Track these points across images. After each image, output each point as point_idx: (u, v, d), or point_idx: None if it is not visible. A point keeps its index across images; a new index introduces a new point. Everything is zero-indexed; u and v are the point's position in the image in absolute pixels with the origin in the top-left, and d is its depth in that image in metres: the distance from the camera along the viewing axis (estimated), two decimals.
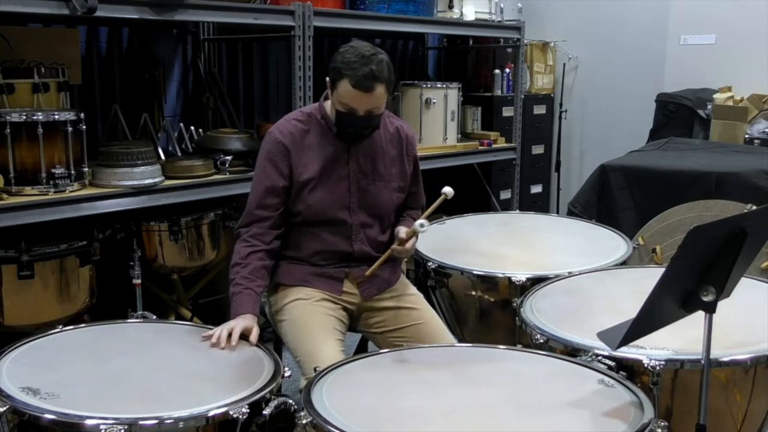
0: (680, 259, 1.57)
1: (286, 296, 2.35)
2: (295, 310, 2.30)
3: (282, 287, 2.38)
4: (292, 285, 2.36)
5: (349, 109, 2.20)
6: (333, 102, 2.26)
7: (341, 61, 2.17)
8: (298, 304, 2.32)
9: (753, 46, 4.74)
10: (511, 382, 1.86)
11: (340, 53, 2.20)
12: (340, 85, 2.17)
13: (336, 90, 2.20)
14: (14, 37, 3.14)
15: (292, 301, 2.32)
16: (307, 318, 2.28)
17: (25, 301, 2.85)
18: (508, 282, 2.56)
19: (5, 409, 1.66)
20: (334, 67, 2.19)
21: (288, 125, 2.33)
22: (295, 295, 2.33)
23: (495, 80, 5.06)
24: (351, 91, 2.16)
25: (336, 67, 2.18)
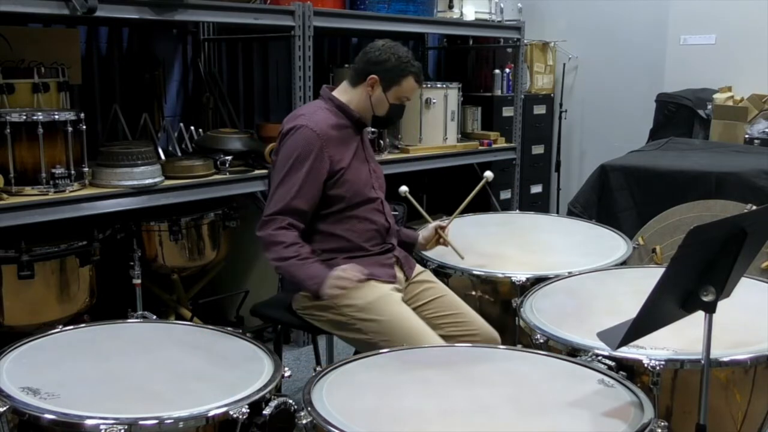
0: (680, 259, 1.57)
1: (362, 295, 2.30)
2: (387, 308, 2.29)
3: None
4: (365, 282, 2.33)
5: (404, 101, 2.48)
6: (381, 98, 2.43)
7: (397, 59, 2.39)
8: (385, 302, 2.31)
9: (753, 46, 4.74)
10: (511, 382, 1.86)
11: (384, 52, 2.39)
12: (404, 81, 2.41)
13: (398, 86, 2.42)
14: (14, 37, 3.14)
15: (377, 299, 2.30)
16: (400, 315, 2.29)
17: (25, 301, 2.85)
18: (509, 282, 2.57)
19: (5, 409, 1.66)
20: (392, 67, 2.39)
21: (316, 117, 2.38)
22: (375, 293, 2.32)
23: (495, 80, 5.05)
24: (414, 85, 2.44)
25: (395, 65, 2.39)
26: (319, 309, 2.36)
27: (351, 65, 2.53)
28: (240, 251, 3.75)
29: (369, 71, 2.41)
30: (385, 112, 2.46)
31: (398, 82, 2.41)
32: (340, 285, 2.25)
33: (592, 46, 5.43)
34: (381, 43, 2.43)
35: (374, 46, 2.43)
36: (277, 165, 2.37)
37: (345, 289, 2.25)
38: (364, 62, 2.42)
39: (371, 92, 2.42)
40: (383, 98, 2.43)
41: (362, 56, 2.44)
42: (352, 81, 2.46)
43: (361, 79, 2.43)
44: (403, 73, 2.41)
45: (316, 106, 2.46)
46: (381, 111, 2.46)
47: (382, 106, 2.45)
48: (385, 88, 2.42)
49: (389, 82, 2.41)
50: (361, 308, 2.29)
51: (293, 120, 2.38)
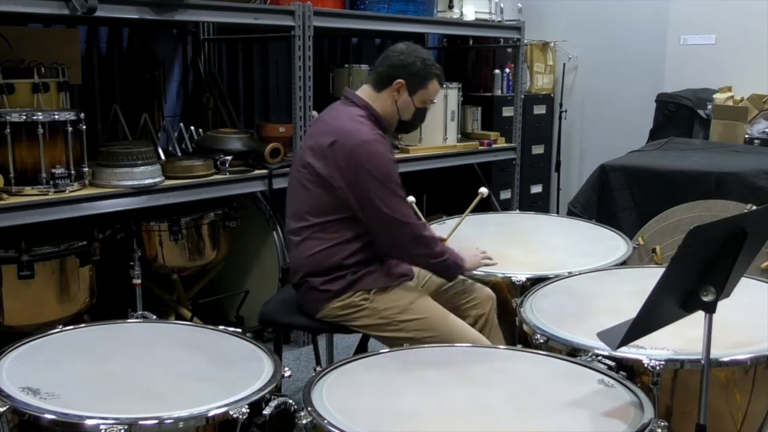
0: (680, 259, 1.57)
1: (400, 297, 2.36)
2: (426, 306, 2.37)
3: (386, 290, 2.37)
4: (395, 285, 2.38)
5: (428, 104, 2.50)
6: (407, 102, 2.42)
7: (422, 62, 2.40)
8: (422, 301, 2.38)
9: (753, 46, 4.73)
10: (511, 382, 1.86)
11: (409, 55, 2.39)
12: (430, 85, 2.44)
13: (424, 89, 2.43)
14: (14, 37, 3.14)
15: (416, 300, 2.37)
16: (441, 309, 2.39)
17: (25, 301, 2.85)
18: (509, 282, 2.57)
19: (5, 409, 1.66)
20: (418, 70, 2.39)
21: (371, 128, 2.35)
22: (410, 292, 2.39)
23: (495, 80, 5.05)
24: (438, 88, 2.48)
25: (420, 69, 2.40)
26: (354, 314, 2.36)
27: (372, 69, 2.49)
28: (240, 251, 3.75)
29: (394, 76, 2.38)
30: (411, 116, 2.46)
31: (424, 86, 2.42)
32: (483, 260, 2.55)
33: (592, 46, 5.43)
34: (403, 46, 2.42)
35: (396, 50, 2.41)
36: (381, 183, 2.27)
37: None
38: (388, 66, 2.40)
39: (398, 97, 2.41)
40: (410, 102, 2.43)
41: (384, 60, 2.42)
42: (377, 86, 2.41)
43: (386, 84, 2.40)
44: (429, 76, 2.42)
45: (360, 116, 2.37)
46: (407, 115, 2.45)
47: (408, 110, 2.44)
48: (411, 92, 2.41)
49: (415, 86, 2.41)
50: (404, 309, 2.34)
51: (356, 134, 2.29)
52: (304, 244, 2.36)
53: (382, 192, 2.27)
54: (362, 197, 2.27)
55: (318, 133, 2.38)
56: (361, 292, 2.35)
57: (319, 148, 2.32)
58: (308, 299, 2.41)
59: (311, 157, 2.34)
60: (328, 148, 2.29)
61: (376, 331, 2.38)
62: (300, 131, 3.55)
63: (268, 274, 3.68)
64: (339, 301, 2.35)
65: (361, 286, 2.35)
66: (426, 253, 2.37)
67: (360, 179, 2.26)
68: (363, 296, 2.35)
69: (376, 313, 2.35)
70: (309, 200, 2.34)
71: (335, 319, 2.39)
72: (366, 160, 2.26)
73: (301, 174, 2.37)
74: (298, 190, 2.39)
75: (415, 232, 2.34)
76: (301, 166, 2.38)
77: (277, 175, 3.45)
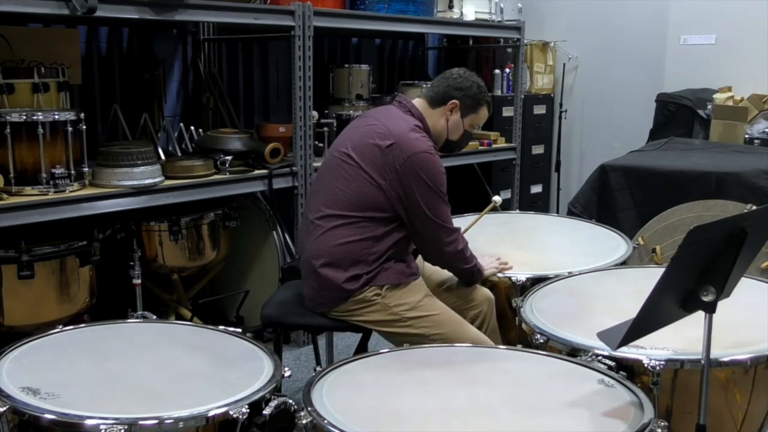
0: (680, 259, 1.57)
1: (411, 294, 2.39)
2: (435, 304, 2.42)
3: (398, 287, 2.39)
4: (407, 282, 2.41)
5: (474, 129, 2.61)
6: (458, 123, 2.52)
7: (478, 87, 2.52)
8: (431, 299, 2.42)
9: (753, 46, 4.73)
10: (511, 382, 1.86)
11: (467, 79, 2.50)
12: (481, 110, 2.55)
13: (475, 113, 2.54)
14: (14, 37, 3.14)
15: (425, 297, 2.41)
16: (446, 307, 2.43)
17: (25, 301, 2.85)
18: (508, 282, 2.57)
19: (5, 409, 1.66)
20: (473, 94, 2.50)
21: (429, 141, 2.41)
22: (420, 290, 2.42)
23: (495, 80, 5.06)
24: (486, 115, 2.60)
25: (476, 93, 2.51)
26: (365, 309, 2.38)
27: (429, 86, 2.56)
28: (240, 251, 3.76)
29: (451, 96, 2.48)
30: (458, 137, 2.55)
31: (476, 110, 2.52)
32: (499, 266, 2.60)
33: (592, 46, 5.43)
34: (461, 70, 2.53)
35: (454, 72, 2.51)
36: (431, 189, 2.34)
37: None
38: (446, 86, 2.48)
39: (450, 116, 2.49)
40: (460, 123, 2.52)
41: (443, 80, 2.50)
42: (432, 103, 2.49)
43: (441, 103, 2.48)
44: (481, 101, 2.52)
45: (417, 126, 2.43)
46: (455, 136, 2.54)
47: (457, 130, 2.53)
48: (463, 114, 2.51)
49: (468, 109, 2.51)
50: (414, 306, 2.37)
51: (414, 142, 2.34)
52: (331, 233, 2.36)
53: (430, 198, 2.35)
54: (411, 201, 2.34)
55: (372, 132, 2.39)
56: (375, 288, 2.36)
57: (374, 146, 2.35)
58: (324, 295, 2.40)
59: (360, 152, 2.37)
60: (386, 149, 2.33)
61: (384, 326, 2.39)
62: (300, 131, 3.55)
63: (268, 274, 3.68)
64: (353, 296, 2.37)
65: (374, 282, 2.37)
66: (460, 258, 2.46)
67: (412, 185, 2.32)
68: (376, 292, 2.36)
69: (387, 309, 2.37)
70: (348, 192, 2.36)
71: (345, 315, 2.40)
72: (422, 168, 2.33)
73: (344, 165, 2.39)
74: (338, 179, 2.40)
75: (453, 238, 2.42)
76: (347, 157, 2.39)
77: (277, 175, 3.45)
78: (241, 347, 2.08)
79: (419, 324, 2.36)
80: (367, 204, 2.34)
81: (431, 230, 2.37)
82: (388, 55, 5.07)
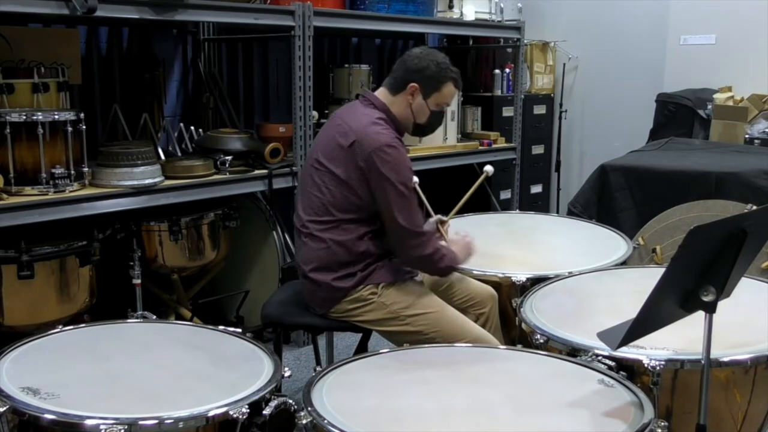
0: (680, 259, 1.57)
1: (408, 292, 2.39)
2: (433, 301, 2.40)
3: (393, 285, 2.38)
4: (403, 280, 2.41)
5: (444, 106, 2.50)
6: (422, 105, 2.44)
7: (436, 65, 2.41)
8: (429, 297, 2.41)
9: (753, 46, 4.73)
10: (511, 382, 1.86)
11: (423, 59, 2.41)
12: (444, 88, 2.44)
13: (438, 92, 2.44)
14: (14, 37, 3.14)
15: (422, 296, 2.40)
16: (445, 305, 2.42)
17: (25, 301, 2.85)
18: (509, 282, 2.57)
19: (5, 409, 1.66)
20: (433, 74, 2.40)
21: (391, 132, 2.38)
22: (416, 289, 2.42)
23: (495, 80, 5.06)
24: (453, 91, 2.47)
25: (435, 72, 2.41)
26: (362, 308, 2.38)
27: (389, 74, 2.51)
28: (240, 251, 3.76)
29: (410, 79, 2.41)
30: (426, 119, 2.48)
31: (438, 89, 2.43)
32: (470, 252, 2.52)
33: (592, 46, 5.43)
34: (419, 50, 2.45)
35: (412, 54, 2.44)
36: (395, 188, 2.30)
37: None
38: (404, 70, 2.43)
39: (412, 100, 2.43)
40: (424, 105, 2.45)
41: (401, 64, 2.45)
42: (393, 90, 2.45)
43: (401, 88, 2.43)
44: (443, 79, 2.43)
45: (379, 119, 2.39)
46: (422, 119, 2.47)
47: (423, 113, 2.46)
48: (425, 96, 2.43)
49: (429, 89, 2.43)
50: (410, 304, 2.37)
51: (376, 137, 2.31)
52: (315, 239, 2.37)
53: (395, 198, 2.31)
54: (378, 200, 2.32)
55: (336, 132, 2.38)
56: (370, 287, 2.37)
57: (338, 147, 2.34)
58: (319, 296, 2.41)
59: (328, 155, 2.37)
60: (349, 148, 2.32)
61: (382, 325, 2.39)
62: (300, 131, 3.55)
63: (268, 274, 3.68)
64: (349, 296, 2.37)
65: (369, 281, 2.37)
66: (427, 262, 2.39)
67: (378, 182, 2.30)
68: (371, 290, 2.36)
69: (384, 308, 2.37)
70: (324, 197, 2.35)
71: (343, 315, 2.40)
72: (385, 164, 2.29)
73: (316, 171, 2.39)
74: (312, 186, 2.40)
75: (418, 242, 2.35)
76: (317, 163, 2.40)
77: (277, 175, 3.45)
78: (241, 347, 2.08)
79: (417, 322, 2.36)
80: (343, 206, 2.34)
81: (397, 233, 2.34)
82: (388, 55, 5.07)
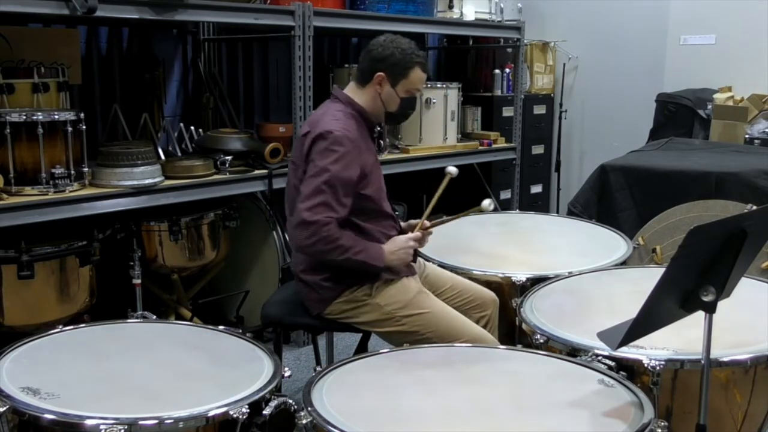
0: (680, 259, 1.57)
1: (403, 292, 2.37)
2: (428, 301, 2.39)
3: (387, 284, 2.36)
4: (397, 278, 2.39)
5: (414, 92, 2.45)
6: (391, 94, 2.41)
7: (401, 52, 2.38)
8: (424, 296, 2.40)
9: (753, 46, 4.73)
10: (511, 382, 1.86)
11: (390, 49, 2.38)
12: (411, 73, 2.40)
13: (406, 79, 2.40)
14: (14, 37, 3.14)
15: (417, 295, 2.38)
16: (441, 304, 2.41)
17: (25, 301, 2.85)
18: (509, 282, 2.57)
19: (5, 409, 1.66)
20: (398, 61, 2.37)
21: (344, 123, 2.34)
22: (412, 288, 2.39)
23: (495, 80, 5.05)
24: (422, 76, 2.42)
25: (400, 59, 2.38)
26: (356, 310, 2.37)
27: (356, 66, 2.50)
28: (240, 251, 3.75)
29: (375, 69, 2.39)
30: (397, 107, 2.45)
31: (405, 75, 2.40)
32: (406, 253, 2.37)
33: (592, 46, 5.43)
34: (382, 38, 2.43)
35: (376, 43, 2.42)
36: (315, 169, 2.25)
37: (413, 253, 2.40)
38: (369, 61, 2.40)
39: (380, 90, 2.41)
40: (393, 93, 2.42)
41: (366, 55, 2.42)
42: (360, 81, 2.43)
43: (368, 79, 2.41)
44: (409, 64, 2.39)
45: (338, 111, 2.39)
46: (393, 107, 2.44)
47: (393, 101, 2.43)
48: (393, 83, 2.40)
49: (397, 77, 2.39)
50: (405, 304, 2.36)
51: (323, 124, 2.30)
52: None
53: (309, 184, 2.24)
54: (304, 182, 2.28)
55: (301, 133, 2.42)
56: (364, 287, 2.36)
57: (299, 144, 2.38)
58: (312, 298, 2.41)
59: (295, 156, 2.41)
60: (300, 138, 2.37)
61: (378, 327, 2.39)
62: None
63: (268, 274, 3.68)
64: (342, 297, 2.37)
65: (361, 281, 2.36)
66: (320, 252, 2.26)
67: (308, 165, 2.29)
68: (365, 291, 2.36)
69: (378, 309, 2.36)
70: (299, 196, 2.31)
71: (340, 316, 2.40)
72: (316, 147, 2.27)
73: (293, 171, 2.41)
74: (291, 186, 2.42)
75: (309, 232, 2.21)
76: (292, 163, 2.43)
77: (277, 175, 3.45)
78: (241, 347, 2.08)
79: (413, 322, 2.34)
80: None
81: (293, 219, 2.26)
82: None
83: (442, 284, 2.57)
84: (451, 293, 2.55)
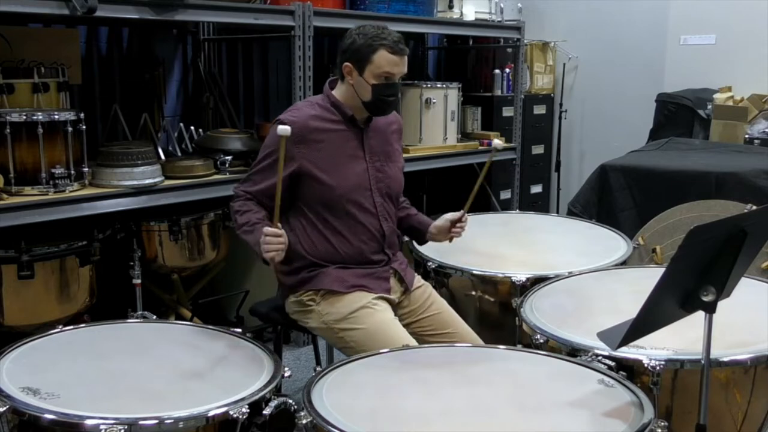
0: (680, 259, 1.57)
1: (345, 305, 2.30)
2: (368, 318, 2.27)
3: (334, 294, 2.32)
4: (347, 292, 2.32)
5: (387, 77, 2.31)
6: (361, 82, 2.32)
7: (363, 37, 2.29)
8: (366, 312, 2.29)
9: (753, 46, 4.74)
10: (511, 382, 1.86)
11: (352, 36, 2.31)
12: (375, 57, 2.28)
13: (371, 64, 2.29)
14: (14, 37, 3.15)
15: (359, 309, 2.29)
16: (381, 324, 2.27)
17: (25, 301, 2.85)
18: (509, 282, 2.57)
19: (5, 409, 1.66)
20: (359, 47, 2.29)
21: (300, 112, 2.35)
22: (358, 302, 2.30)
23: (495, 80, 5.05)
24: (390, 58, 2.28)
25: (363, 45, 2.28)
26: (304, 314, 2.38)
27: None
28: (240, 251, 3.75)
29: (342, 60, 2.34)
30: (370, 95, 2.32)
31: (369, 60, 2.29)
32: (270, 249, 2.15)
33: (592, 46, 5.43)
34: (352, 28, 2.35)
35: (345, 35, 2.35)
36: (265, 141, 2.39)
37: (278, 250, 2.15)
38: (339, 54, 2.36)
39: (352, 80, 2.33)
40: (362, 81, 2.31)
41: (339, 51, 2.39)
42: (340, 77, 2.38)
43: (341, 72, 2.35)
44: (372, 48, 2.28)
45: (309, 100, 2.45)
46: (366, 95, 2.33)
47: (364, 89, 2.32)
48: (360, 71, 2.31)
49: (362, 63, 2.30)
50: (343, 317, 2.29)
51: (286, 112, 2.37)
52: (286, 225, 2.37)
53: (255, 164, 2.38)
54: None
55: None
56: (311, 292, 2.34)
57: None
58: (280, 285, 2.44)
59: None
60: None
61: (322, 335, 2.37)
62: None
63: (268, 274, 3.66)
64: (294, 296, 2.37)
65: (311, 286, 2.34)
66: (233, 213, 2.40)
67: None
68: (311, 296, 2.34)
69: (320, 317, 2.33)
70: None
71: (293, 316, 2.41)
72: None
73: None
74: None
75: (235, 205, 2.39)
76: None
77: None
78: (241, 347, 2.08)
79: (349, 337, 2.27)
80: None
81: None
82: None
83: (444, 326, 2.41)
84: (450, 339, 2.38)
